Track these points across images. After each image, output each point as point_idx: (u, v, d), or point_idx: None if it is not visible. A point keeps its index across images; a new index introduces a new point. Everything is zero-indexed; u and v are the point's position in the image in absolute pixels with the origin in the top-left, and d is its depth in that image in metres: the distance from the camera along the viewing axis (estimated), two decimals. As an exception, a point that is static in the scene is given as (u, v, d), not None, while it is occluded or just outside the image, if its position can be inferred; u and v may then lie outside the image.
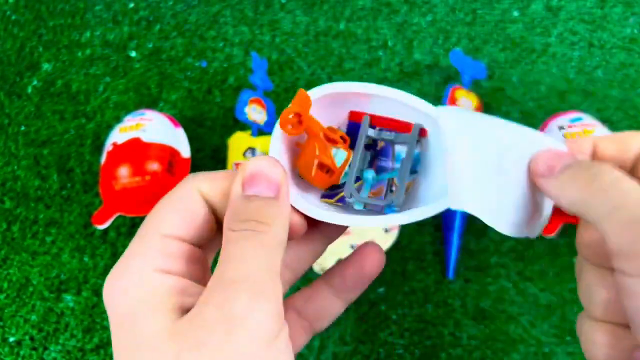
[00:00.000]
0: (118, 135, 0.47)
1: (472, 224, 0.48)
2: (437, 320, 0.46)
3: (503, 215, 0.25)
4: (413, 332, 0.45)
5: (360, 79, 0.55)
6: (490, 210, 0.24)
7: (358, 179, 0.26)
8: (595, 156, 0.24)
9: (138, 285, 0.20)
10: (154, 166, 0.45)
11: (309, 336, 0.26)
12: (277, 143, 0.26)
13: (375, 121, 0.27)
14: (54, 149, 0.53)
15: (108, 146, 0.47)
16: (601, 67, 0.54)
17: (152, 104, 0.55)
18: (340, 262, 0.27)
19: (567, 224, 0.45)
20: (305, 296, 0.26)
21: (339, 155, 0.26)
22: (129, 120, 0.48)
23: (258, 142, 0.48)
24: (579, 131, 0.45)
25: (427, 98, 0.57)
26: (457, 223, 0.46)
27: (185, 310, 0.19)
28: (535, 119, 0.52)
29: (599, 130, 0.45)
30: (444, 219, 0.47)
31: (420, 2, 0.59)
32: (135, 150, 0.46)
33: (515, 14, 0.57)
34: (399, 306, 0.46)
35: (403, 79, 0.55)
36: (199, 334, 0.18)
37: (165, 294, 0.20)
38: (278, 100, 0.54)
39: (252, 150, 0.48)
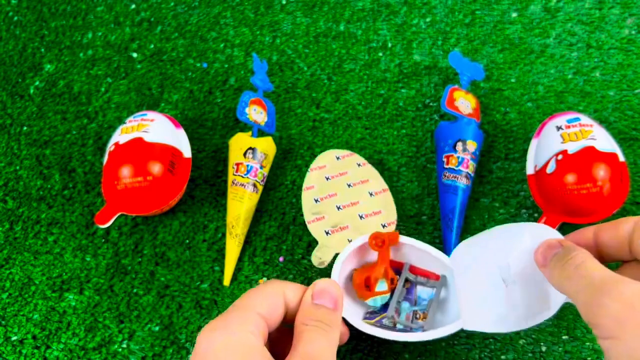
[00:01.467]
0: (120, 136, 0.48)
1: (471, 223, 0.48)
2: (436, 319, 0.46)
3: (508, 319, 0.35)
4: (412, 330, 0.45)
5: (360, 79, 0.55)
6: (497, 322, 0.35)
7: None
8: (597, 243, 0.33)
9: (238, 342, 0.28)
10: (155, 166, 0.46)
11: None
12: (338, 268, 0.39)
13: (412, 269, 0.43)
14: (56, 149, 0.54)
15: (110, 146, 0.48)
16: (599, 68, 0.54)
17: (154, 105, 0.55)
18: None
19: (564, 223, 0.45)
20: None
21: (382, 285, 0.40)
22: (131, 122, 0.49)
23: (258, 142, 0.49)
24: (576, 131, 0.45)
25: (425, 99, 0.57)
26: (455, 223, 0.46)
27: None
28: (533, 119, 0.52)
29: (597, 130, 0.45)
30: (443, 218, 0.47)
31: (419, 3, 0.59)
32: (137, 150, 0.46)
33: (514, 15, 0.58)
34: (398, 305, 0.46)
35: (402, 80, 0.55)
36: None
37: (259, 352, 0.28)
38: (278, 100, 0.55)
39: (253, 150, 0.48)
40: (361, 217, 0.46)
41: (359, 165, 0.49)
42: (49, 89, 0.57)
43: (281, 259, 0.48)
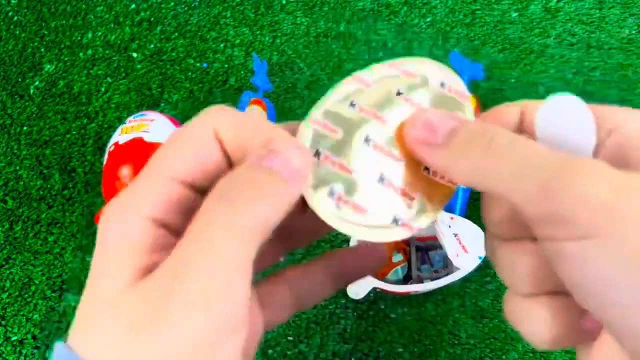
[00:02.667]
0: (120, 136, 0.48)
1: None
2: (436, 319, 0.46)
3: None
4: (412, 330, 0.45)
5: (360, 79, 0.55)
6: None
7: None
8: (525, 127, 0.20)
9: (122, 228, 0.18)
10: (155, 166, 0.46)
11: (293, 312, 0.25)
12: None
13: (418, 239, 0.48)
14: (56, 149, 0.54)
15: (110, 146, 0.48)
16: (599, 68, 0.54)
17: (154, 105, 0.55)
18: (342, 250, 0.26)
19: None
20: (300, 272, 0.25)
21: (397, 256, 0.43)
22: (131, 121, 0.49)
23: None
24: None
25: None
26: (456, 223, 0.46)
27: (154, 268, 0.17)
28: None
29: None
30: (443, 218, 0.47)
31: (419, 3, 0.59)
32: (137, 150, 0.46)
33: (514, 15, 0.58)
34: (398, 305, 0.46)
35: (402, 80, 0.55)
36: (144, 308, 0.16)
37: (141, 248, 0.18)
38: (278, 100, 0.55)
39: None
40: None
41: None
42: (48, 88, 0.57)
43: (282, 258, 0.48)
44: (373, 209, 0.19)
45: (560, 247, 0.16)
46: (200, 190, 0.19)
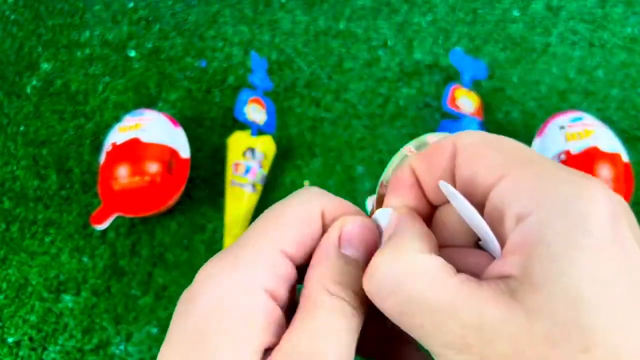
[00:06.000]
0: (117, 135, 0.47)
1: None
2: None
3: None
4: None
5: (360, 78, 0.54)
6: None
7: None
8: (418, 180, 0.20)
9: (239, 296, 0.17)
10: (153, 166, 0.45)
11: None
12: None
13: None
14: (53, 149, 0.53)
15: (107, 146, 0.47)
16: (602, 66, 0.54)
17: (152, 104, 0.55)
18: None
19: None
20: None
21: None
22: (128, 120, 0.48)
23: (257, 141, 0.48)
24: (579, 131, 0.45)
25: (427, 98, 0.56)
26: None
27: (267, 350, 0.17)
28: (535, 118, 0.52)
29: (599, 129, 0.45)
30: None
31: (420, 1, 0.59)
32: (135, 150, 0.46)
33: (516, 13, 0.57)
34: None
35: (403, 79, 0.55)
36: None
37: (262, 325, 0.17)
38: (278, 99, 0.54)
39: (252, 150, 0.48)
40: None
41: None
42: (46, 88, 0.56)
43: None
44: None
45: None
46: (297, 265, 0.19)
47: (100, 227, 0.46)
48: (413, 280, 0.16)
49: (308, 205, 0.19)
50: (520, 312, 0.14)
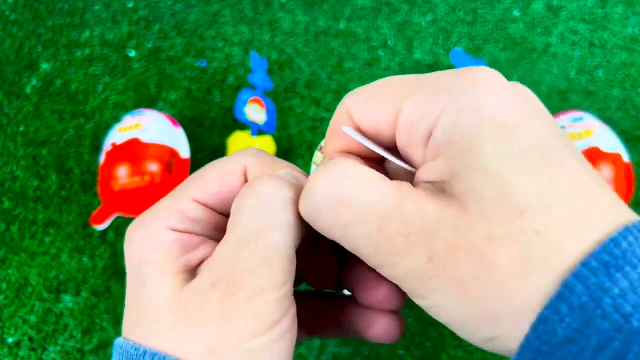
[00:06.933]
0: (117, 135, 0.47)
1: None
2: (438, 321, 0.45)
3: None
4: (413, 333, 0.45)
5: (360, 78, 0.54)
6: None
7: None
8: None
9: (147, 240, 0.20)
10: (152, 166, 0.45)
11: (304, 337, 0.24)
12: None
13: None
14: (52, 149, 0.53)
15: (107, 146, 0.47)
16: (602, 66, 0.54)
17: (151, 104, 0.55)
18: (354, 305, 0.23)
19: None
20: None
21: None
22: (128, 120, 0.48)
23: (257, 141, 0.48)
24: (580, 131, 0.45)
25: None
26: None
27: (191, 268, 0.19)
28: (536, 118, 0.52)
29: (600, 129, 0.45)
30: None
31: (420, 1, 0.58)
32: (134, 150, 0.45)
33: (516, 13, 0.57)
34: (399, 307, 0.46)
35: (403, 79, 0.55)
36: (198, 314, 0.17)
37: (172, 253, 0.19)
38: (278, 99, 0.54)
39: (252, 150, 0.48)
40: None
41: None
42: (45, 88, 0.56)
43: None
44: None
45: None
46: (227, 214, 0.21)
47: (100, 227, 0.46)
48: (354, 187, 0.17)
49: (229, 161, 0.21)
50: (454, 202, 0.16)
